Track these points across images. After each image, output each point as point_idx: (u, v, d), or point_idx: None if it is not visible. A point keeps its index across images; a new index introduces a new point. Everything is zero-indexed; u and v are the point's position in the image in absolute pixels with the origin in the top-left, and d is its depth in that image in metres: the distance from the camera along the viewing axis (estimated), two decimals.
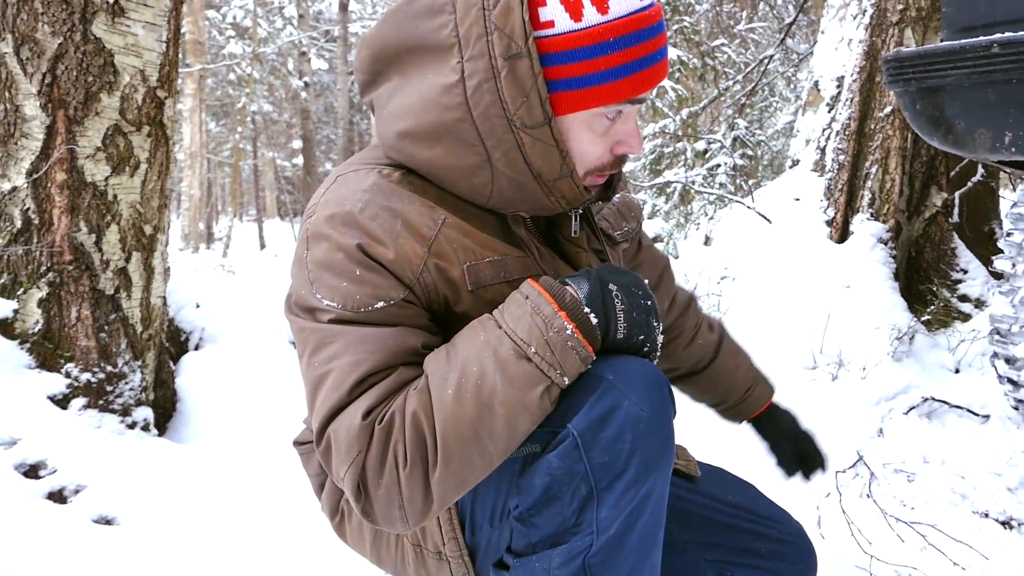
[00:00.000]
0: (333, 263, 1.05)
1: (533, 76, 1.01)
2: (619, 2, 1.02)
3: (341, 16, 22.35)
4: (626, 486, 1.00)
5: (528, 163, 1.06)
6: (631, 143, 1.12)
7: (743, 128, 6.75)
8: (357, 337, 1.03)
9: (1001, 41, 1.99)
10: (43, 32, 2.44)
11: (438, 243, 1.07)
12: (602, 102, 1.04)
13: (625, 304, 1.04)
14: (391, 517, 1.02)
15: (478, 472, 1.02)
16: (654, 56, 1.05)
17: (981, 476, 2.52)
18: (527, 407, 0.99)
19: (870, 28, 3.91)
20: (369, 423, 0.99)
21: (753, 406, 1.68)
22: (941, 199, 3.95)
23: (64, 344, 2.55)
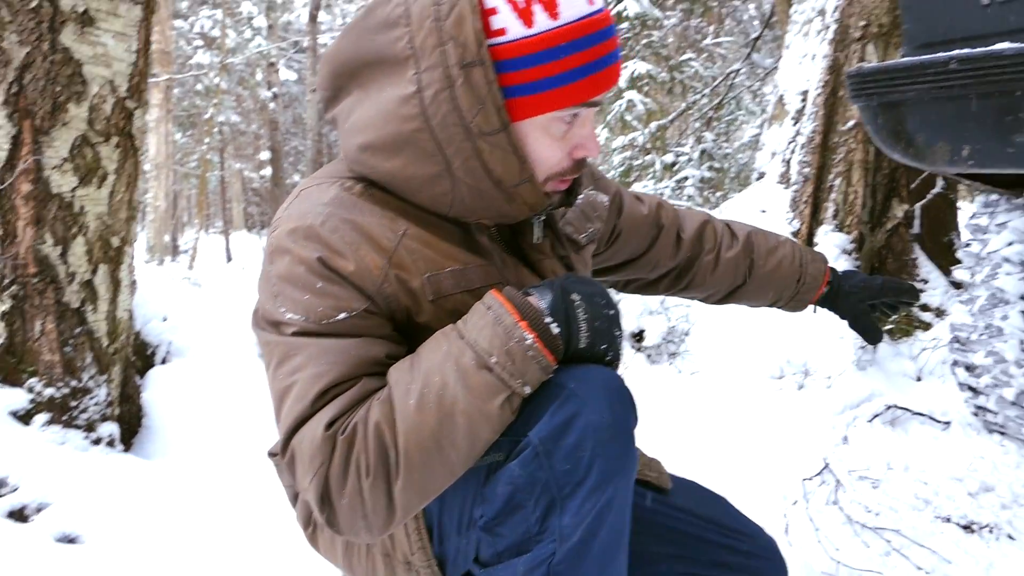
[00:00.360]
0: (295, 276, 1.06)
1: (487, 83, 1.03)
2: (569, 7, 1.03)
3: (310, 27, 22.27)
4: (587, 493, 1.00)
5: (487, 170, 1.08)
6: (588, 146, 1.13)
7: (710, 141, 6.82)
8: (320, 349, 1.04)
9: (959, 57, 2.04)
10: (10, 41, 2.42)
11: (398, 254, 1.08)
12: (558, 106, 1.06)
13: (588, 313, 1.04)
14: (355, 527, 1.03)
15: (441, 481, 1.02)
16: (607, 59, 1.06)
17: (943, 482, 2.57)
18: (488, 416, 1.00)
19: (833, 44, 3.98)
20: (332, 434, 1.00)
21: (808, 294, 1.66)
22: (902, 211, 4.03)
23: (28, 358, 2.51)
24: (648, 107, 6.71)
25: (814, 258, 1.67)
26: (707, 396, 3.25)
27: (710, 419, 3.07)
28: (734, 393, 3.25)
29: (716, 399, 3.22)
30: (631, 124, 6.74)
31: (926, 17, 2.34)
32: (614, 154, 7.24)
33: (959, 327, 2.69)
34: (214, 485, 2.55)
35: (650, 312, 3.79)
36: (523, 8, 1.02)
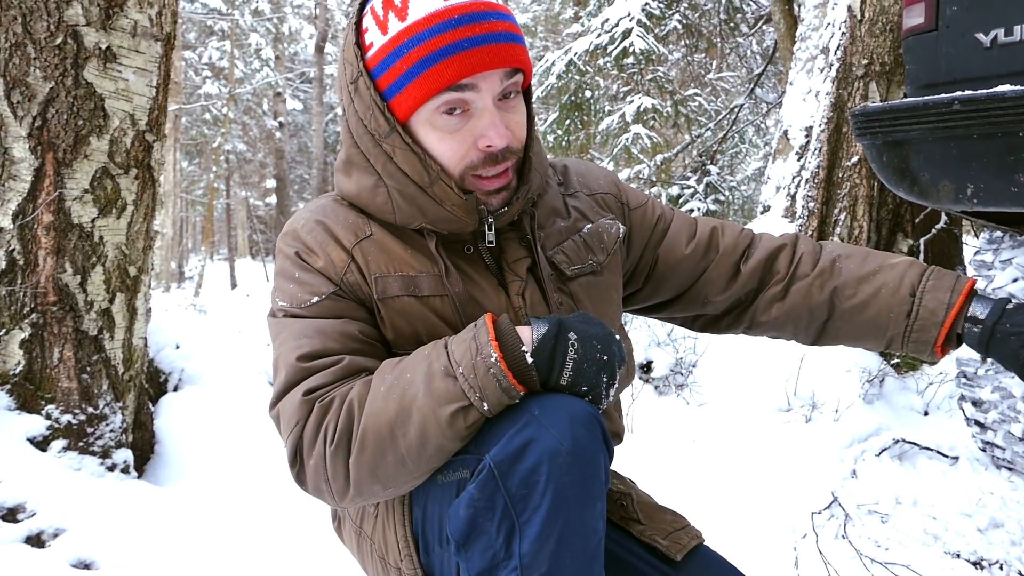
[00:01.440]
0: (283, 270, 1.25)
1: (368, 90, 1.17)
2: (418, 7, 1.13)
3: (317, 58, 22.52)
4: (543, 520, 0.99)
5: (403, 172, 1.19)
6: (489, 135, 1.16)
7: (715, 174, 6.89)
8: (301, 326, 1.20)
9: (961, 99, 2.08)
10: (35, 76, 2.47)
11: (355, 252, 1.22)
12: (421, 97, 1.13)
13: (578, 354, 1.06)
14: (319, 487, 1.13)
15: (391, 469, 1.08)
16: (459, 44, 1.11)
17: (952, 517, 2.58)
18: (439, 420, 1.04)
19: (837, 81, 4.04)
20: (310, 400, 1.12)
21: (927, 333, 1.28)
22: (907, 245, 4.07)
23: (46, 385, 2.55)
24: (654, 140, 6.78)
25: (938, 285, 1.28)
26: (715, 428, 3.27)
27: (718, 451, 3.08)
28: (742, 425, 3.27)
29: (724, 431, 3.23)
30: (637, 157, 6.81)
31: (928, 58, 2.39)
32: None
33: (965, 362, 2.71)
34: (226, 512, 2.56)
35: (658, 343, 3.82)
36: (381, 20, 1.16)
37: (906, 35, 2.47)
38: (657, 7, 6.95)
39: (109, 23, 2.57)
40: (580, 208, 1.40)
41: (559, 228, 1.35)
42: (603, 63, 7.15)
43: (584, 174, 1.47)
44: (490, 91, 1.15)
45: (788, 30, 5.89)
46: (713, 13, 7.57)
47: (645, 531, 1.31)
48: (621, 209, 1.45)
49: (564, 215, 1.37)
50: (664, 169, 7.06)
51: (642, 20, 6.77)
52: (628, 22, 6.73)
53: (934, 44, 2.34)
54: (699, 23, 7.59)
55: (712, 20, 7.66)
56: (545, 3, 20.40)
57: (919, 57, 2.41)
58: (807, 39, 4.77)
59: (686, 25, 7.49)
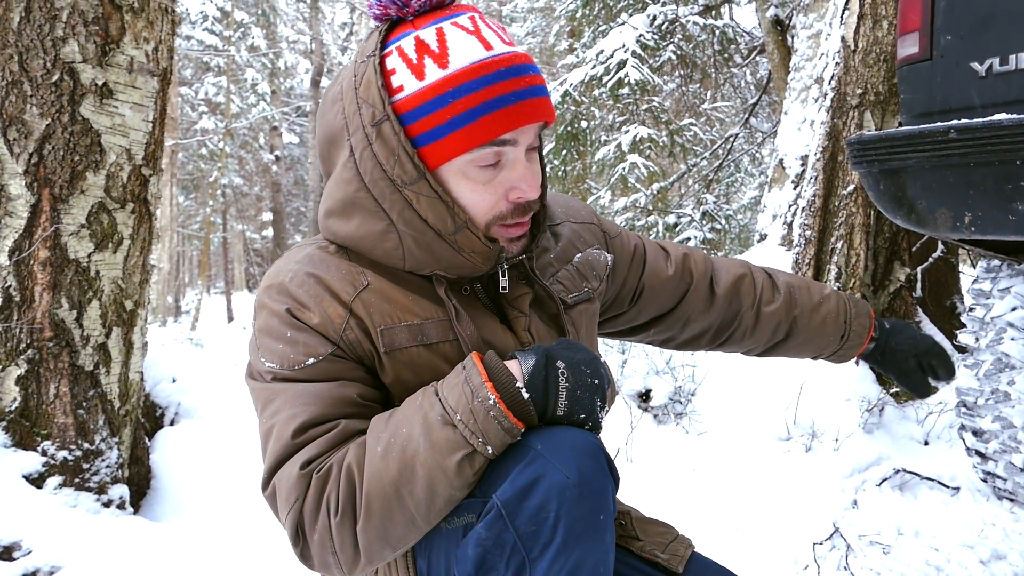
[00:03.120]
0: (270, 328, 1.15)
1: (395, 135, 1.10)
2: (459, 56, 1.10)
3: (313, 92, 22.68)
4: (554, 555, 0.99)
5: (423, 219, 1.14)
6: (522, 188, 1.15)
7: (711, 203, 6.91)
8: (295, 392, 1.12)
9: (957, 127, 2.09)
10: (31, 114, 2.48)
11: (356, 306, 1.15)
12: (463, 148, 1.10)
13: (570, 382, 1.05)
14: (326, 562, 1.08)
15: (401, 529, 1.05)
16: (506, 97, 1.10)
17: (954, 549, 2.56)
18: (445, 471, 1.02)
19: (831, 110, 4.07)
20: (307, 472, 1.06)
21: (851, 350, 1.66)
22: (904, 274, 4.07)
23: (41, 422, 2.52)
24: (650, 169, 6.81)
25: (859, 313, 1.66)
26: (715, 457, 3.25)
27: (718, 481, 3.06)
28: (742, 454, 3.25)
29: (724, 460, 3.21)
30: (633, 186, 6.84)
31: (923, 88, 2.41)
32: (616, 215, 7.32)
33: (965, 391, 2.70)
34: (223, 547, 2.53)
35: (656, 372, 3.80)
36: (416, 64, 1.11)
37: (900, 64, 2.48)
38: (651, 38, 7.02)
39: (105, 59, 2.58)
40: (568, 238, 1.41)
41: (550, 259, 1.35)
42: (599, 93, 7.20)
43: (566, 205, 1.48)
44: (525, 144, 1.15)
45: (782, 60, 5.94)
46: (707, 44, 7.64)
47: (644, 547, 1.31)
48: (603, 238, 1.48)
49: (552, 246, 1.38)
50: (660, 198, 7.08)
51: (637, 51, 6.83)
52: (623, 53, 6.79)
53: (929, 73, 2.35)
54: (693, 54, 7.66)
55: (706, 51, 7.73)
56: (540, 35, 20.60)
57: (914, 86, 2.43)
58: (801, 69, 4.81)
59: (680, 56, 7.55)
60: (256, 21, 22.25)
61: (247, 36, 21.95)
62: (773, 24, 6.05)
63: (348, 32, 25.08)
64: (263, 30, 22.66)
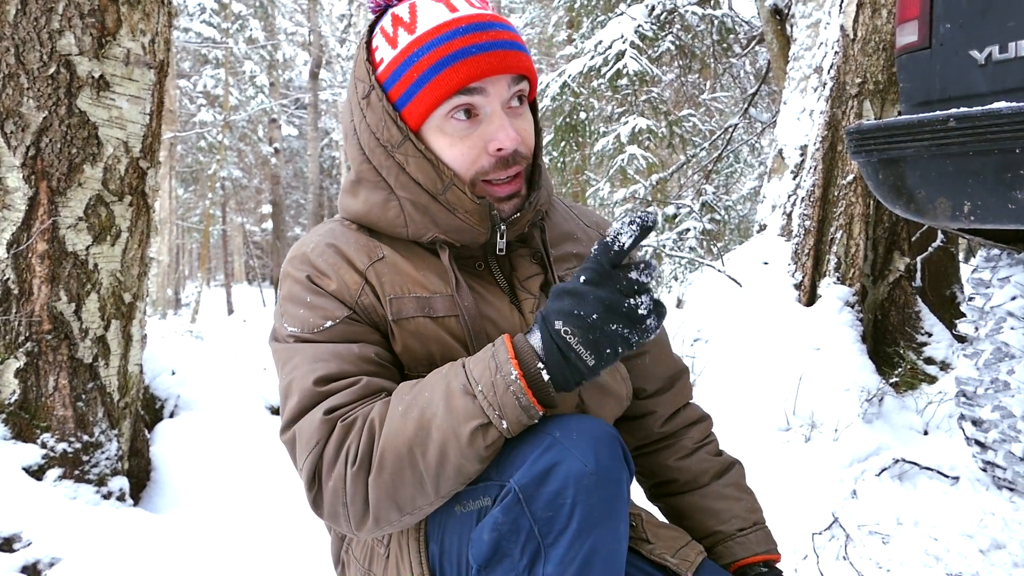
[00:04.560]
0: (292, 295, 1.22)
1: (380, 101, 1.19)
2: (426, 19, 1.18)
3: (311, 84, 22.62)
4: (569, 542, 1.00)
5: (415, 182, 1.20)
6: (499, 138, 1.18)
7: (710, 193, 6.90)
8: (315, 351, 1.17)
9: (957, 116, 2.09)
10: (28, 107, 2.47)
11: (369, 274, 1.21)
12: (432, 102, 1.16)
13: (577, 334, 1.00)
14: (336, 512, 1.10)
15: (409, 490, 1.06)
16: (466, 49, 1.15)
17: (953, 538, 2.56)
18: (459, 438, 1.03)
19: (830, 100, 4.06)
20: (332, 419, 1.10)
21: (745, 550, 1.43)
22: (904, 264, 4.07)
23: (41, 414, 2.52)
24: (649, 160, 6.80)
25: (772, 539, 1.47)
26: None
27: None
28: (741, 445, 3.25)
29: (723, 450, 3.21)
30: (632, 177, 6.83)
31: (923, 76, 2.40)
32: (616, 206, 7.31)
33: (965, 381, 2.70)
34: (223, 539, 2.54)
35: None
36: (391, 36, 1.20)
37: (899, 53, 2.48)
38: (650, 29, 7.00)
39: (102, 52, 2.57)
40: (589, 236, 1.44)
41: (569, 251, 1.37)
42: (597, 85, 7.18)
43: (597, 218, 1.52)
44: (498, 96, 1.18)
45: (781, 50, 5.93)
46: (706, 34, 7.62)
47: (654, 550, 1.31)
48: None
49: (574, 239, 1.40)
50: (659, 189, 7.07)
51: (635, 42, 6.81)
52: (621, 44, 6.77)
53: (928, 62, 2.35)
54: (692, 44, 7.64)
55: (705, 41, 7.71)
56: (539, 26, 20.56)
57: (913, 75, 2.42)
58: (800, 59, 4.80)
59: (679, 46, 7.53)
60: (254, 13, 22.20)
61: (245, 28, 21.90)
62: (772, 13, 6.03)
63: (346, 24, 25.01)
64: (261, 22, 22.61)
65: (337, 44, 24.44)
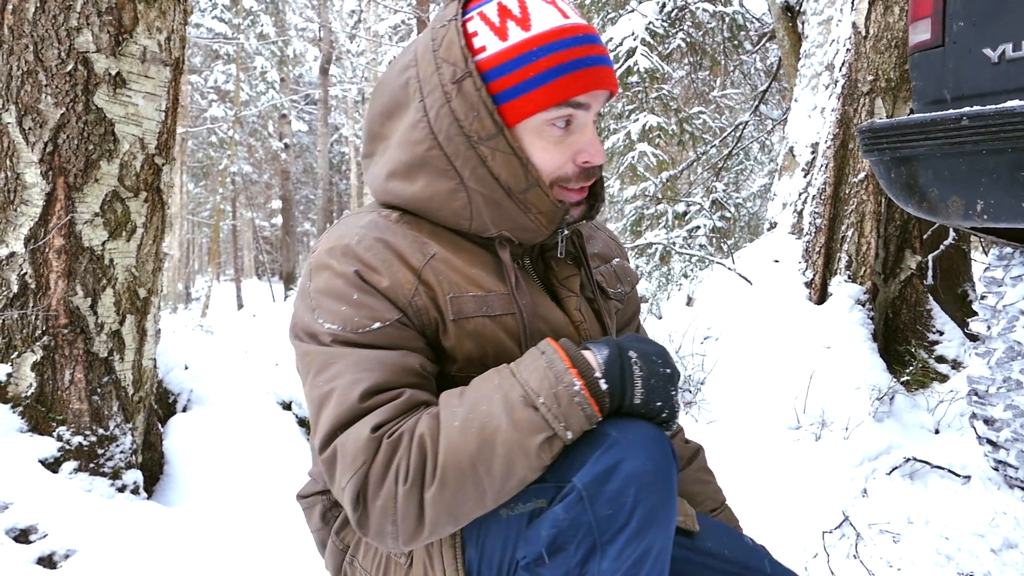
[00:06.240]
0: (333, 289, 1.14)
1: (477, 90, 1.14)
2: (541, 20, 1.16)
3: (322, 79, 22.65)
4: (628, 539, 1.01)
5: (495, 177, 1.17)
6: (590, 151, 1.21)
7: (721, 191, 6.89)
8: (358, 357, 1.10)
9: (970, 114, 2.09)
10: (46, 103, 2.49)
11: (426, 273, 1.16)
12: (540, 105, 1.15)
13: (644, 372, 1.08)
14: (383, 531, 1.06)
15: (470, 505, 1.05)
16: (583, 60, 1.16)
17: (965, 537, 2.56)
18: (526, 452, 1.03)
19: (842, 97, 4.05)
20: (378, 436, 1.05)
21: None
22: (915, 262, 4.06)
23: (57, 407, 2.55)
24: (659, 158, 6.80)
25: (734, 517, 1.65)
26: (724, 446, 3.25)
27: (727, 469, 3.06)
28: (751, 443, 3.26)
29: (733, 449, 3.22)
30: (642, 175, 6.82)
31: (936, 74, 2.40)
32: (626, 204, 7.31)
33: (977, 379, 2.70)
34: (236, 533, 2.56)
35: None
36: (499, 27, 1.16)
37: (912, 51, 2.48)
38: (660, 26, 6.99)
39: (119, 49, 2.59)
40: (605, 242, 1.49)
41: (593, 252, 1.42)
42: None
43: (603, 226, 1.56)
44: (594, 110, 1.20)
45: (792, 47, 5.91)
46: (716, 31, 7.60)
47: None
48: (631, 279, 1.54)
49: (592, 240, 1.45)
50: (670, 186, 7.07)
51: (646, 39, 6.80)
52: (632, 41, 6.76)
53: (941, 60, 2.35)
54: (703, 41, 7.63)
55: (716, 38, 7.70)
56: None
57: (926, 73, 2.42)
58: (811, 56, 4.78)
59: (690, 43, 7.52)
60: (265, 9, 22.22)
61: (256, 24, 21.92)
62: (783, 10, 6.02)
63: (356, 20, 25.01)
64: (272, 18, 22.63)
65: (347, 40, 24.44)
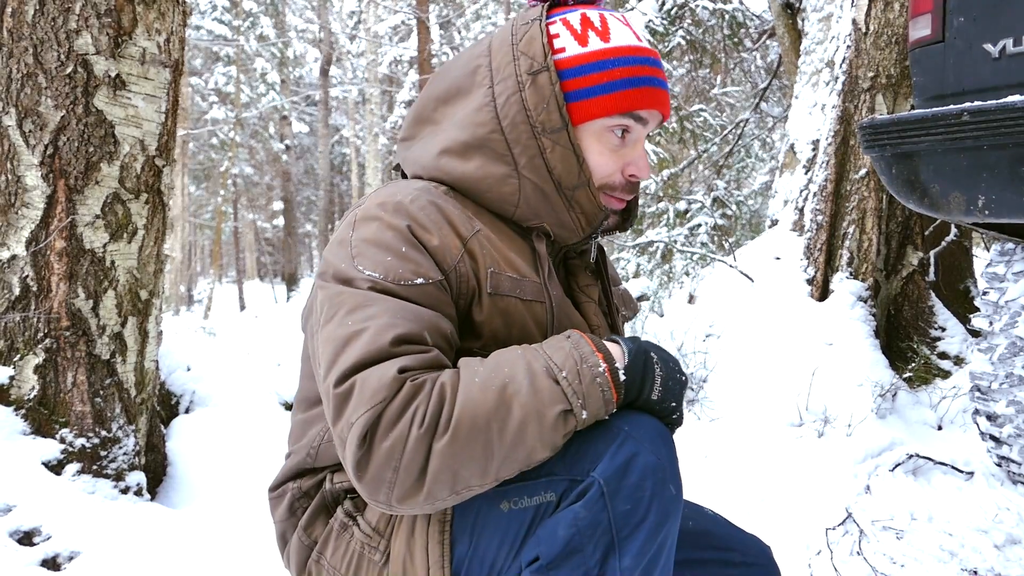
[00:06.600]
0: (381, 240, 1.15)
1: (551, 85, 1.22)
2: (619, 37, 1.26)
3: (322, 81, 22.66)
4: (647, 534, 1.02)
5: (550, 169, 1.24)
6: (639, 165, 1.29)
7: (722, 188, 6.89)
8: (397, 305, 1.09)
9: (971, 109, 2.08)
10: (46, 106, 2.49)
11: (472, 243, 1.20)
12: (607, 111, 1.23)
13: (663, 372, 1.13)
14: (381, 477, 1.01)
15: (474, 467, 1.02)
16: (651, 79, 1.25)
17: (968, 533, 2.55)
18: (542, 419, 1.02)
19: (842, 94, 4.05)
20: (403, 377, 1.03)
21: None
22: (917, 258, 4.05)
23: (59, 409, 2.55)
24: (660, 156, 6.79)
25: None
26: (727, 443, 3.25)
27: (730, 467, 3.07)
28: (754, 440, 3.25)
29: (736, 446, 3.22)
30: None
31: (936, 70, 2.39)
32: None
33: (979, 376, 2.69)
34: (239, 534, 2.56)
35: None
36: (580, 34, 1.26)
37: (913, 47, 2.47)
38: (661, 24, 6.98)
39: (118, 51, 2.59)
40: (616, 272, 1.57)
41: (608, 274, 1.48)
42: None
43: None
44: (648, 129, 1.29)
45: (792, 44, 5.91)
46: (716, 29, 7.59)
47: None
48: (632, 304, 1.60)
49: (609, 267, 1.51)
50: (671, 184, 7.06)
51: (646, 36, 6.79)
52: None
53: (941, 55, 2.34)
54: (703, 39, 7.62)
55: (716, 36, 7.69)
56: None
57: (926, 69, 2.41)
58: (812, 53, 4.78)
59: (690, 41, 7.51)
60: (265, 10, 22.23)
61: (256, 25, 21.93)
62: (783, 7, 6.01)
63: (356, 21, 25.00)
64: (272, 19, 22.64)
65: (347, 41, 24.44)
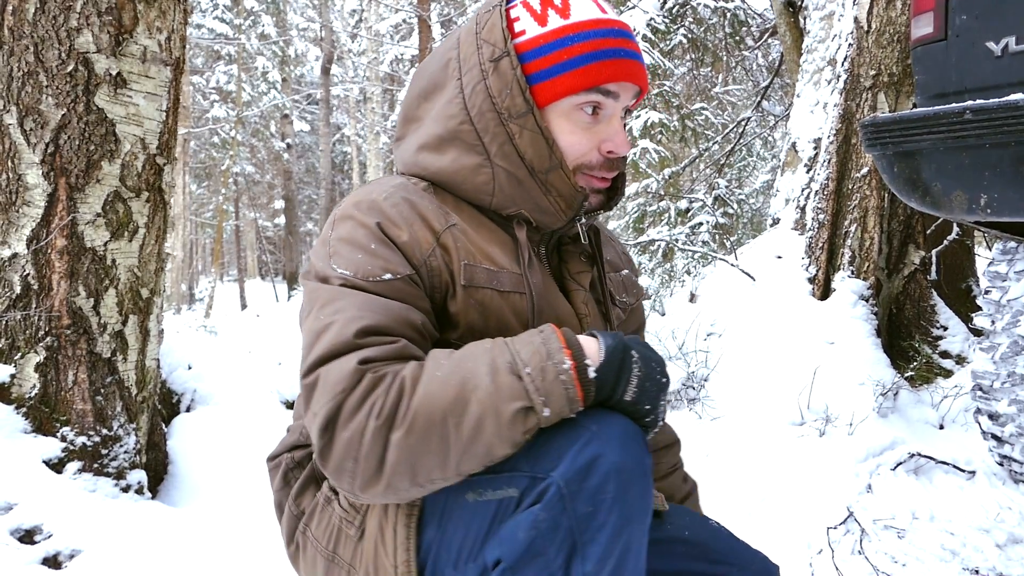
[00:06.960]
0: (353, 238, 1.17)
1: (512, 69, 1.21)
2: (579, 11, 1.22)
3: (323, 79, 22.65)
4: (609, 538, 0.99)
5: (520, 154, 1.22)
6: (615, 141, 1.25)
7: (723, 187, 6.88)
8: (364, 300, 1.11)
9: (973, 108, 2.08)
10: (47, 104, 2.49)
11: (445, 236, 1.20)
12: (571, 89, 1.20)
13: (641, 373, 1.08)
14: (343, 467, 1.03)
15: (431, 460, 1.02)
16: (615, 51, 1.21)
17: (970, 533, 2.55)
18: (499, 416, 1.00)
19: (844, 93, 4.04)
20: (364, 369, 1.04)
21: None
22: (919, 257, 4.05)
23: (60, 408, 2.55)
24: (661, 155, 6.79)
25: None
26: (728, 442, 3.25)
27: (732, 466, 3.06)
28: (755, 439, 3.25)
29: (737, 445, 3.22)
30: (644, 171, 6.81)
31: (938, 68, 2.39)
32: (628, 201, 7.30)
33: (981, 375, 2.69)
34: (240, 533, 2.56)
35: (669, 358, 3.80)
36: (539, 14, 1.23)
37: (915, 45, 2.47)
38: (662, 22, 6.98)
39: (119, 50, 2.59)
40: (616, 253, 1.53)
41: (605, 259, 1.45)
42: None
43: (616, 237, 1.59)
44: (622, 103, 1.25)
45: (794, 42, 5.90)
46: (718, 27, 7.59)
47: None
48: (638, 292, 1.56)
49: (608, 251, 1.49)
50: (672, 183, 7.06)
51: (647, 35, 6.79)
52: None
53: (943, 53, 2.34)
54: (704, 37, 7.61)
55: (717, 34, 7.68)
56: None
57: (928, 67, 2.41)
58: (813, 51, 4.77)
59: (691, 39, 7.51)
60: (266, 9, 22.23)
61: (257, 24, 21.93)
62: (785, 5, 6.00)
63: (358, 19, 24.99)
64: (273, 18, 22.63)
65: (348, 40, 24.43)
